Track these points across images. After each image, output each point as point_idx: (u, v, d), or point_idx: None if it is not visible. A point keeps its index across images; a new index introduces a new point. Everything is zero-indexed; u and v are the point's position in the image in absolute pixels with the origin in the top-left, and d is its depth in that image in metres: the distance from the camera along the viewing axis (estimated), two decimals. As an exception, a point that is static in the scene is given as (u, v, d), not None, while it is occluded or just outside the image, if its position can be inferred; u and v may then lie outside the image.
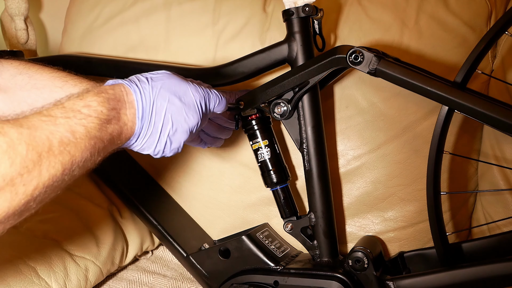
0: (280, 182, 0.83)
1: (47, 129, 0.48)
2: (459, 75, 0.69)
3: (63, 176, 0.50)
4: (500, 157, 0.88)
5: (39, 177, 0.47)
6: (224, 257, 0.84)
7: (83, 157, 0.51)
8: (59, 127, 0.49)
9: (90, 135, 0.52)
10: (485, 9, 0.88)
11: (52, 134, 0.48)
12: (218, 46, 0.95)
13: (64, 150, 0.49)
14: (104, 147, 0.55)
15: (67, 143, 0.49)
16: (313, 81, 0.74)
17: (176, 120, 0.62)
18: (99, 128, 0.53)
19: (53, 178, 0.48)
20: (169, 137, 0.63)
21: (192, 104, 0.64)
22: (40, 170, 0.47)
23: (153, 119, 0.61)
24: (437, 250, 0.75)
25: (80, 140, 0.51)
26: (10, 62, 0.75)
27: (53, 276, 0.79)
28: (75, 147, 0.50)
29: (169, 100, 0.62)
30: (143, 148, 0.63)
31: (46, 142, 0.48)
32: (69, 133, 0.50)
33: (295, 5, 0.77)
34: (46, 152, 0.47)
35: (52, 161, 0.48)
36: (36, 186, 0.47)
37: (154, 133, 0.61)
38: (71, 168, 0.50)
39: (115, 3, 1.03)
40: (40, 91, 0.73)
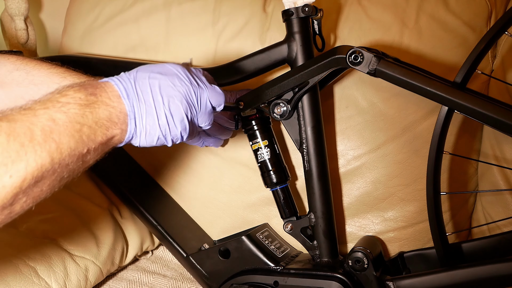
0: (280, 183, 0.83)
1: (27, 120, 0.48)
2: (459, 75, 0.69)
3: (54, 166, 0.49)
4: (500, 157, 0.88)
5: (26, 168, 0.46)
6: (224, 258, 0.84)
7: (71, 144, 0.50)
8: (39, 118, 0.49)
9: (73, 120, 0.51)
10: (485, 9, 0.88)
11: (33, 124, 0.48)
12: (218, 46, 0.95)
13: (48, 138, 0.48)
14: (95, 133, 0.53)
15: (50, 130, 0.48)
16: (312, 82, 0.74)
17: (165, 90, 0.60)
18: (81, 114, 0.52)
19: (42, 168, 0.47)
20: (167, 110, 0.60)
21: (173, 74, 0.62)
22: (26, 160, 0.46)
23: (140, 95, 0.59)
24: (437, 250, 0.75)
25: (64, 126, 0.50)
26: (7, 58, 0.75)
27: (53, 276, 0.79)
28: (59, 134, 0.49)
29: (149, 76, 0.60)
30: (150, 133, 0.60)
31: (28, 131, 0.47)
32: (50, 122, 0.49)
33: (294, 5, 0.77)
34: (28, 141, 0.46)
35: (37, 150, 0.47)
36: (24, 177, 0.46)
37: (149, 110, 0.59)
38: (61, 157, 0.49)
39: (115, 3, 1.03)
40: (37, 87, 0.72)
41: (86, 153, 0.53)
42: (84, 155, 0.53)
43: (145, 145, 0.62)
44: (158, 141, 0.62)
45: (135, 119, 0.58)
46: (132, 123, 0.58)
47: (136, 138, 0.60)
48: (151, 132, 0.60)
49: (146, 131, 0.60)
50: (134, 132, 0.59)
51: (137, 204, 0.92)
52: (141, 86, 0.59)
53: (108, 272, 0.92)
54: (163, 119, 0.60)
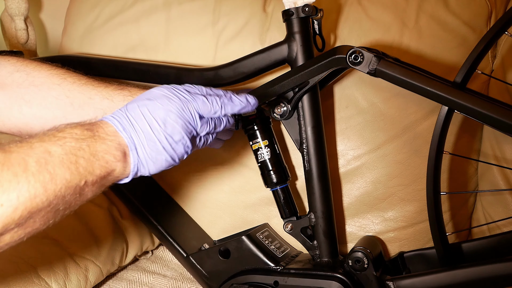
0: (280, 182, 0.83)
1: (23, 152, 0.48)
2: (459, 75, 0.69)
3: (48, 198, 0.48)
4: (500, 157, 0.88)
5: (18, 197, 0.46)
6: (224, 257, 0.84)
7: (66, 176, 0.50)
8: (35, 150, 0.49)
9: (69, 152, 0.51)
10: (485, 9, 0.88)
11: (28, 156, 0.48)
12: (218, 46, 0.95)
13: (43, 169, 0.48)
14: (92, 165, 0.53)
15: (45, 162, 0.48)
16: (313, 81, 0.74)
17: (157, 114, 0.60)
18: (78, 147, 0.52)
19: (35, 198, 0.47)
20: (165, 132, 0.60)
21: (160, 96, 0.61)
22: (19, 190, 0.46)
23: (136, 125, 0.59)
24: (437, 250, 0.75)
25: (59, 158, 0.50)
26: (7, 59, 0.75)
27: (53, 276, 0.79)
28: (54, 165, 0.49)
29: (139, 105, 0.60)
30: (157, 159, 0.60)
31: (22, 162, 0.47)
32: (45, 154, 0.49)
33: (295, 5, 0.77)
34: (22, 171, 0.46)
35: (31, 181, 0.47)
36: (16, 207, 0.46)
37: (148, 136, 0.59)
38: (55, 189, 0.49)
39: (115, 3, 1.03)
40: (38, 88, 0.72)
41: (83, 185, 0.52)
42: (82, 187, 0.52)
43: (155, 172, 0.62)
44: (166, 164, 0.62)
45: (137, 149, 0.58)
46: (135, 154, 0.58)
47: (144, 167, 0.60)
48: (158, 158, 0.60)
49: (152, 158, 0.60)
50: (139, 162, 0.59)
51: (137, 204, 0.92)
52: (134, 116, 0.59)
53: (108, 272, 0.92)
54: (164, 141, 0.60)
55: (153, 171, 0.61)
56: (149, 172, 0.61)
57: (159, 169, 0.62)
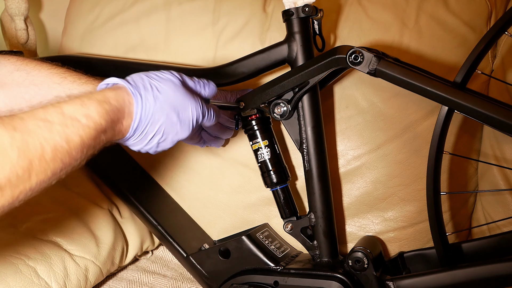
0: (280, 183, 0.83)
1: (42, 135, 0.48)
2: (459, 75, 0.69)
3: (50, 180, 0.50)
4: (500, 157, 0.88)
5: (27, 182, 0.46)
6: (224, 257, 0.84)
7: (72, 164, 0.52)
8: (54, 135, 0.49)
9: (84, 145, 0.52)
10: (485, 9, 0.88)
11: (46, 141, 0.48)
12: (218, 46, 0.95)
13: (57, 158, 0.49)
14: (93, 152, 0.55)
15: (60, 151, 0.49)
16: (313, 82, 0.74)
17: (167, 133, 0.64)
18: (94, 137, 0.54)
19: (41, 183, 0.48)
20: (157, 144, 0.64)
21: (187, 121, 0.65)
22: (29, 176, 0.46)
23: (146, 130, 0.62)
24: (437, 250, 0.75)
25: (74, 149, 0.51)
26: (7, 58, 0.75)
27: (53, 276, 0.79)
28: (67, 156, 0.50)
29: (167, 115, 0.63)
30: (129, 145, 0.64)
31: (39, 148, 0.47)
32: (64, 142, 0.49)
33: (295, 6, 0.77)
34: (38, 159, 0.47)
35: (43, 168, 0.47)
36: (22, 190, 0.46)
37: (143, 140, 0.63)
38: (59, 174, 0.50)
39: (115, 3, 1.03)
40: (38, 87, 0.72)
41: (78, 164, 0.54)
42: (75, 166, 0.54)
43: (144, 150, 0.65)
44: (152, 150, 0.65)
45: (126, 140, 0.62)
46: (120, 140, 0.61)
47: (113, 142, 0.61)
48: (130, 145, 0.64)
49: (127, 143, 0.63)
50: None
51: (137, 204, 0.92)
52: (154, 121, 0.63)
53: (108, 272, 0.92)
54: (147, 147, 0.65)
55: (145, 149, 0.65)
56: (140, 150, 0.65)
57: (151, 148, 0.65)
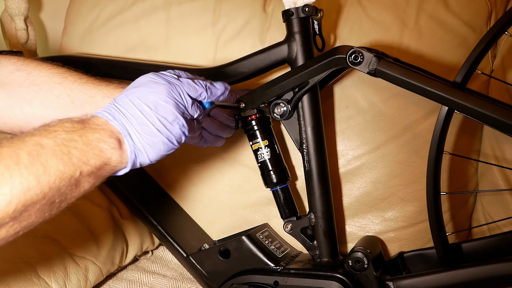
0: (280, 183, 0.83)
1: (14, 145, 0.48)
2: (459, 75, 0.69)
3: (43, 190, 0.48)
4: (500, 157, 0.88)
5: (12, 190, 0.46)
6: (224, 258, 0.84)
7: (60, 167, 0.50)
8: (26, 143, 0.49)
9: (61, 144, 0.51)
10: (485, 9, 0.88)
11: (19, 149, 0.48)
12: (218, 46, 0.95)
13: (36, 161, 0.48)
14: (86, 155, 0.53)
15: (37, 154, 0.48)
16: (313, 82, 0.74)
17: (146, 98, 0.60)
18: (69, 138, 0.52)
19: (29, 191, 0.47)
20: (157, 115, 0.59)
21: (146, 81, 0.62)
22: (12, 183, 0.46)
23: (126, 113, 0.58)
24: (437, 251, 0.75)
25: (51, 149, 0.49)
26: (8, 59, 0.74)
27: (53, 276, 0.79)
28: (46, 157, 0.49)
29: (126, 94, 0.60)
30: (154, 142, 0.59)
31: (14, 155, 0.47)
32: (37, 146, 0.49)
33: (294, 6, 0.77)
34: (14, 164, 0.46)
35: (24, 173, 0.46)
36: (9, 200, 0.45)
37: (141, 121, 0.59)
38: (49, 180, 0.48)
39: (115, 3, 1.03)
40: (39, 87, 0.72)
41: (79, 176, 0.52)
42: (77, 178, 0.52)
43: (156, 157, 0.61)
44: (165, 147, 0.61)
45: (131, 136, 0.58)
46: (129, 140, 0.58)
47: (142, 154, 0.59)
48: (154, 141, 0.59)
49: (149, 142, 0.59)
50: (135, 148, 0.58)
51: (137, 204, 0.92)
52: (123, 105, 0.59)
53: (108, 272, 0.92)
54: (158, 123, 0.59)
55: (153, 157, 0.60)
56: (149, 158, 0.60)
57: (159, 153, 0.61)
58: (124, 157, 0.58)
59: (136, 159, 0.59)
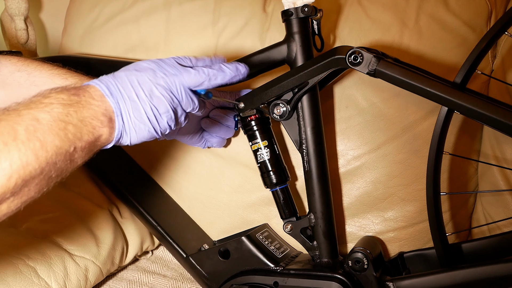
0: (279, 183, 0.83)
1: (11, 120, 0.48)
2: (459, 76, 0.69)
3: (40, 164, 0.49)
4: (500, 157, 0.88)
5: (11, 166, 0.46)
6: (223, 258, 0.84)
7: (56, 143, 0.50)
8: (23, 117, 0.49)
9: (57, 119, 0.51)
10: (485, 9, 0.88)
11: (16, 124, 0.48)
12: (218, 46, 0.95)
13: (33, 136, 0.48)
14: (81, 131, 0.53)
15: (34, 129, 0.49)
16: (312, 82, 0.74)
17: (144, 85, 0.60)
18: (65, 113, 0.52)
19: (28, 166, 0.47)
20: (151, 104, 0.60)
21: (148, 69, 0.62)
22: (10, 158, 0.46)
23: (123, 93, 0.59)
24: (437, 251, 0.75)
25: (48, 124, 0.50)
26: (8, 59, 0.74)
27: (53, 276, 0.79)
28: (43, 132, 0.49)
29: (127, 75, 0.60)
30: (140, 128, 0.60)
31: (11, 131, 0.47)
32: (34, 121, 0.49)
33: (294, 6, 0.77)
34: (12, 140, 0.47)
35: (21, 149, 0.47)
36: (9, 175, 0.46)
37: (135, 105, 0.59)
38: (47, 156, 0.49)
39: (115, 3, 1.03)
40: (39, 88, 0.72)
41: (73, 151, 0.53)
42: (72, 153, 0.53)
43: (136, 142, 0.61)
44: (148, 134, 0.62)
45: (122, 116, 0.58)
46: (120, 120, 0.58)
47: (126, 135, 0.60)
48: (141, 127, 0.60)
49: (135, 126, 0.60)
50: (123, 129, 0.59)
51: (137, 204, 0.92)
52: (122, 84, 0.59)
53: (108, 272, 0.92)
54: (149, 112, 0.60)
55: (134, 141, 0.61)
56: (130, 141, 0.61)
57: (141, 139, 0.61)
58: (112, 134, 0.58)
59: (121, 138, 0.60)
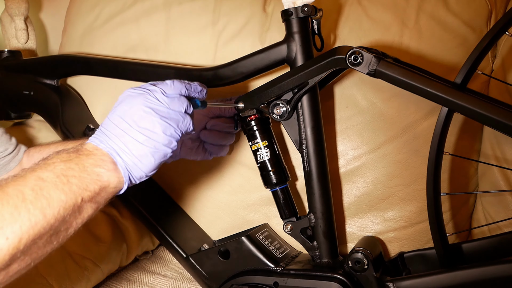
0: (279, 183, 0.83)
1: (18, 183, 0.50)
2: (459, 76, 0.69)
3: (48, 221, 0.50)
4: (501, 157, 0.88)
5: (21, 227, 0.48)
6: (223, 258, 0.84)
7: (61, 197, 0.51)
8: (28, 179, 0.51)
9: (60, 174, 0.53)
10: (485, 9, 0.88)
11: (23, 186, 0.50)
12: (218, 46, 0.95)
13: (39, 195, 0.50)
14: (85, 182, 0.54)
15: (39, 188, 0.51)
16: (312, 82, 0.74)
17: (125, 114, 0.59)
18: (67, 168, 0.54)
19: (37, 225, 0.49)
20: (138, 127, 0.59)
21: (125, 96, 0.61)
22: (21, 220, 0.48)
23: (109, 133, 0.59)
24: (437, 251, 0.75)
25: (52, 181, 0.52)
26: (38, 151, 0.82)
27: (54, 275, 0.79)
28: (48, 190, 0.51)
29: (109, 117, 0.61)
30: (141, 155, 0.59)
31: (19, 194, 0.49)
32: (39, 181, 0.51)
33: (294, 5, 0.77)
34: (21, 201, 0.49)
35: (30, 209, 0.49)
36: (20, 237, 0.48)
37: (124, 138, 0.59)
38: (54, 212, 0.50)
39: (115, 3, 1.03)
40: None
41: (81, 203, 0.54)
42: (80, 205, 0.54)
43: (149, 170, 0.61)
44: (157, 157, 0.60)
45: (119, 154, 0.58)
46: (119, 159, 0.58)
47: (136, 169, 0.59)
48: (142, 154, 0.59)
49: (138, 156, 0.59)
50: (127, 165, 0.59)
51: (137, 205, 0.92)
52: (106, 126, 0.60)
53: (109, 272, 0.92)
54: (140, 137, 0.59)
55: (147, 169, 0.60)
56: (144, 172, 0.60)
57: (153, 165, 0.60)
58: (120, 177, 0.58)
59: (132, 176, 0.60)
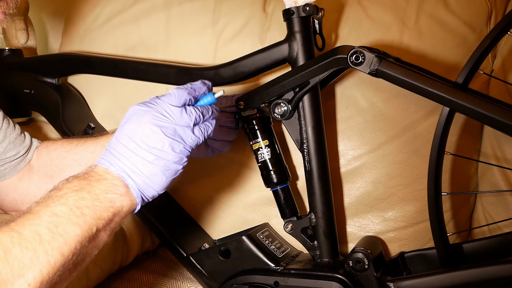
0: (280, 182, 0.83)
1: (33, 223, 0.50)
2: (461, 76, 0.69)
3: (67, 258, 0.51)
4: (501, 157, 0.88)
5: (41, 271, 0.48)
6: (224, 257, 0.84)
7: (77, 232, 0.52)
8: (42, 216, 0.51)
9: (73, 207, 0.52)
10: (485, 9, 0.88)
11: (37, 225, 0.50)
12: (218, 46, 0.95)
13: (55, 234, 0.50)
14: (99, 211, 0.54)
15: (54, 225, 0.50)
16: (313, 81, 0.74)
17: (133, 134, 0.58)
18: (79, 198, 0.53)
19: (56, 264, 0.49)
20: (147, 147, 0.58)
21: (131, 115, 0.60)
22: (40, 263, 0.48)
23: (118, 155, 0.58)
24: (438, 251, 0.75)
25: (66, 216, 0.51)
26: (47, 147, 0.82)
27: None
28: (63, 225, 0.51)
29: (116, 136, 0.59)
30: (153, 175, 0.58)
31: (36, 235, 0.49)
32: (53, 217, 0.51)
33: (295, 5, 0.77)
34: (38, 243, 0.49)
35: (48, 250, 0.49)
36: (41, 280, 0.48)
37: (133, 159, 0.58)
38: (70, 248, 0.51)
39: (115, 3, 1.03)
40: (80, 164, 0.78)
41: (96, 232, 0.54)
42: (94, 234, 0.54)
43: (163, 187, 0.60)
44: (168, 175, 0.59)
45: (129, 176, 0.57)
46: (130, 181, 0.57)
47: (148, 188, 0.59)
48: (152, 173, 0.58)
49: (149, 175, 0.58)
50: (138, 187, 0.58)
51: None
52: (115, 147, 0.59)
53: (109, 271, 0.92)
54: (149, 156, 0.58)
55: (159, 187, 0.59)
56: (156, 190, 0.59)
57: (165, 182, 0.60)
58: (133, 199, 0.58)
59: (144, 195, 0.59)
